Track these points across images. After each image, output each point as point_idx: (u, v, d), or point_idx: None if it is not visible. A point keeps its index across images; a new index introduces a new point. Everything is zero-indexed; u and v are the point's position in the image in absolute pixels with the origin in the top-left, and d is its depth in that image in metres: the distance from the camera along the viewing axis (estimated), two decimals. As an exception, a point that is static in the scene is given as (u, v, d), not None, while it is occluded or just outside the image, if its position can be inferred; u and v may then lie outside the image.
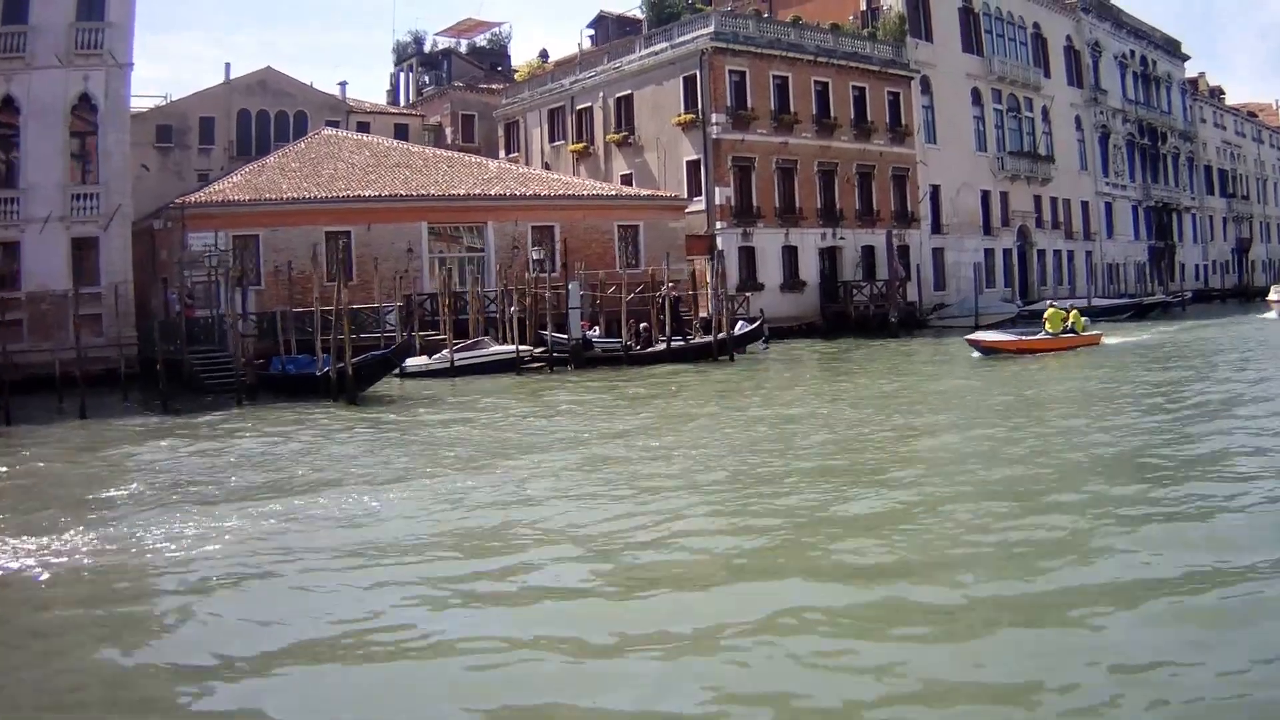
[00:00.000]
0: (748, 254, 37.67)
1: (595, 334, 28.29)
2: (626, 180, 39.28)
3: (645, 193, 36.78)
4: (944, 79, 44.68)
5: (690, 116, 37.27)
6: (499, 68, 52.36)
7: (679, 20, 39.70)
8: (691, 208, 36.68)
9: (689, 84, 37.56)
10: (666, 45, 38.53)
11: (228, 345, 24.67)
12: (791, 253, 38.96)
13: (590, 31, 47.91)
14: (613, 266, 32.72)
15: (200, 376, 23.85)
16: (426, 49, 52.25)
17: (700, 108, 37.05)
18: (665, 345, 27.27)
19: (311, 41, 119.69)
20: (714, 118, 36.78)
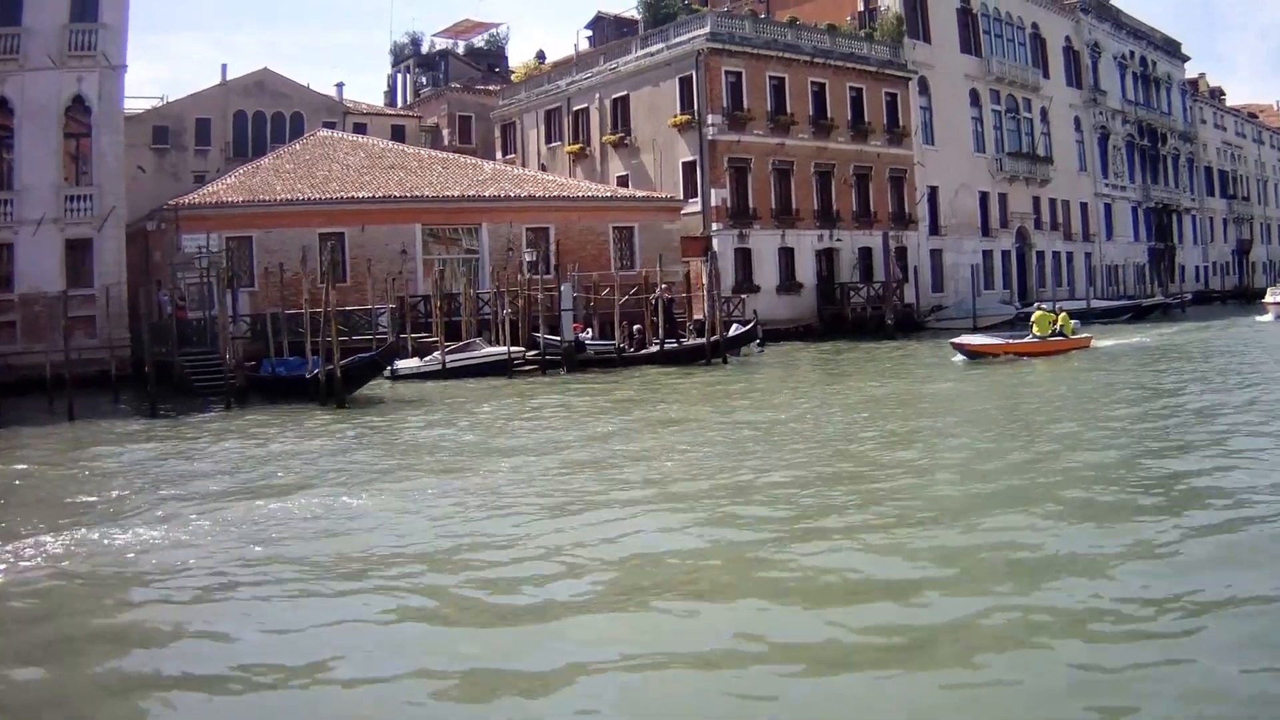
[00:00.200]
0: (744, 255, 37.58)
1: (588, 336, 28.20)
2: (623, 181, 39.21)
3: (640, 194, 36.70)
4: (942, 80, 44.57)
5: (686, 117, 37.20)
6: (496, 69, 52.33)
7: (675, 21, 39.63)
8: (687, 209, 36.58)
9: (685, 85, 37.49)
10: (662, 46, 38.45)
11: (219, 347, 24.61)
12: (788, 254, 38.87)
13: (588, 32, 47.87)
14: (608, 268, 32.62)
15: (191, 379, 23.79)
16: (424, 50, 52.25)
17: (696, 109, 36.98)
18: (658, 347, 27.17)
19: (310, 42, 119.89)
20: (710, 119, 36.70)
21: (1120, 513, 8.47)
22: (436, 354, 25.60)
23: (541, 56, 49.05)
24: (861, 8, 43.72)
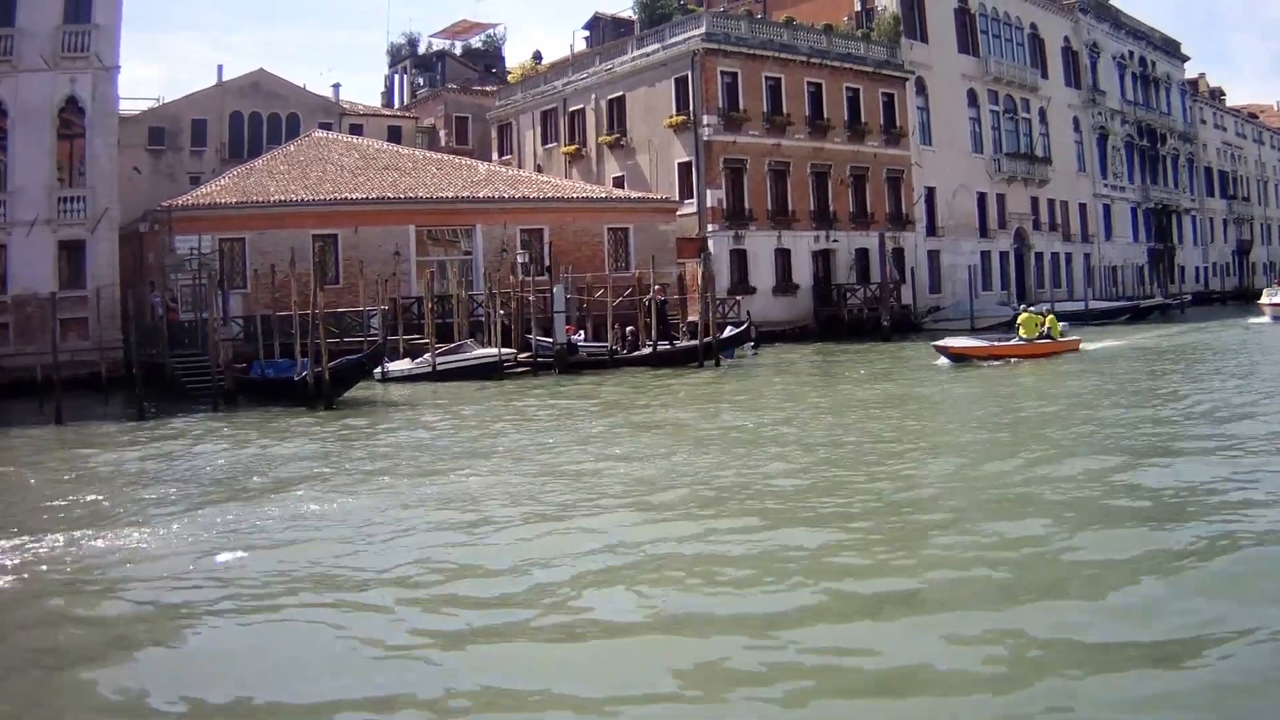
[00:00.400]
0: (739, 257, 37.47)
1: (581, 338, 28.12)
2: (618, 182, 39.12)
3: (636, 195, 36.62)
4: (939, 80, 44.44)
5: (682, 118, 37.10)
6: (493, 69, 52.26)
7: (670, 21, 39.53)
8: (683, 210, 36.48)
9: (680, 85, 37.39)
10: (658, 46, 38.36)
11: (210, 349, 24.54)
12: (784, 255, 38.75)
13: (585, 33, 47.75)
14: (603, 270, 32.53)
15: (182, 381, 23.73)
16: (421, 51, 52.19)
17: (692, 109, 36.88)
18: (651, 349, 27.07)
19: (308, 42, 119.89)
20: (705, 119, 36.60)
21: (1095, 525, 8.27)
22: (427, 356, 25.53)
23: (538, 57, 48.98)
24: (858, 8, 43.59)
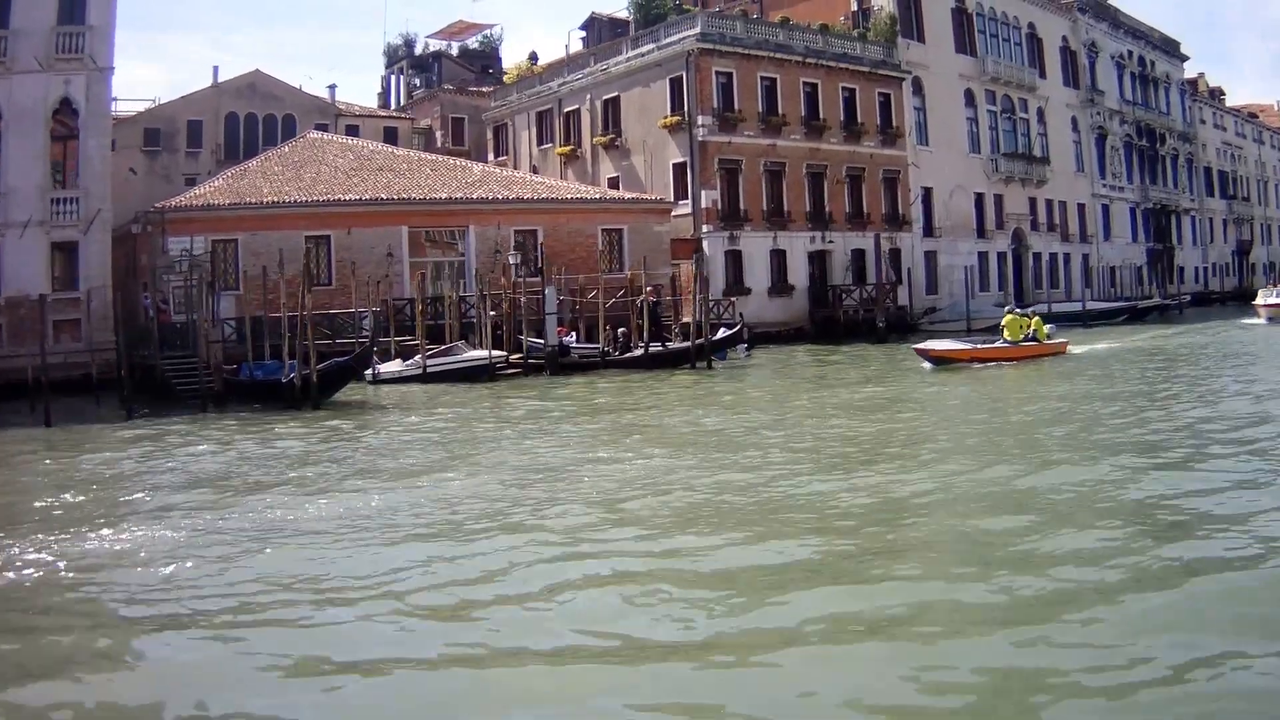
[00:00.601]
0: (734, 258, 37.39)
1: (573, 339, 28.08)
2: (614, 183, 39.05)
3: (630, 196, 36.56)
4: (936, 80, 44.33)
5: (676, 118, 37.01)
6: (490, 70, 52.20)
7: (665, 22, 39.44)
8: (678, 211, 36.41)
9: (675, 86, 37.30)
10: (653, 47, 38.27)
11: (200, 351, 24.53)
12: (780, 256, 38.65)
13: (582, 33, 47.66)
14: (596, 271, 32.44)
15: (172, 382, 23.71)
16: (417, 51, 52.16)
17: (686, 110, 36.78)
18: (643, 351, 27.00)
19: (307, 41, 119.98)
20: (700, 119, 36.52)
21: (1065, 543, 8.01)
22: (418, 358, 25.50)
23: (534, 58, 48.89)
24: (855, 7, 43.49)
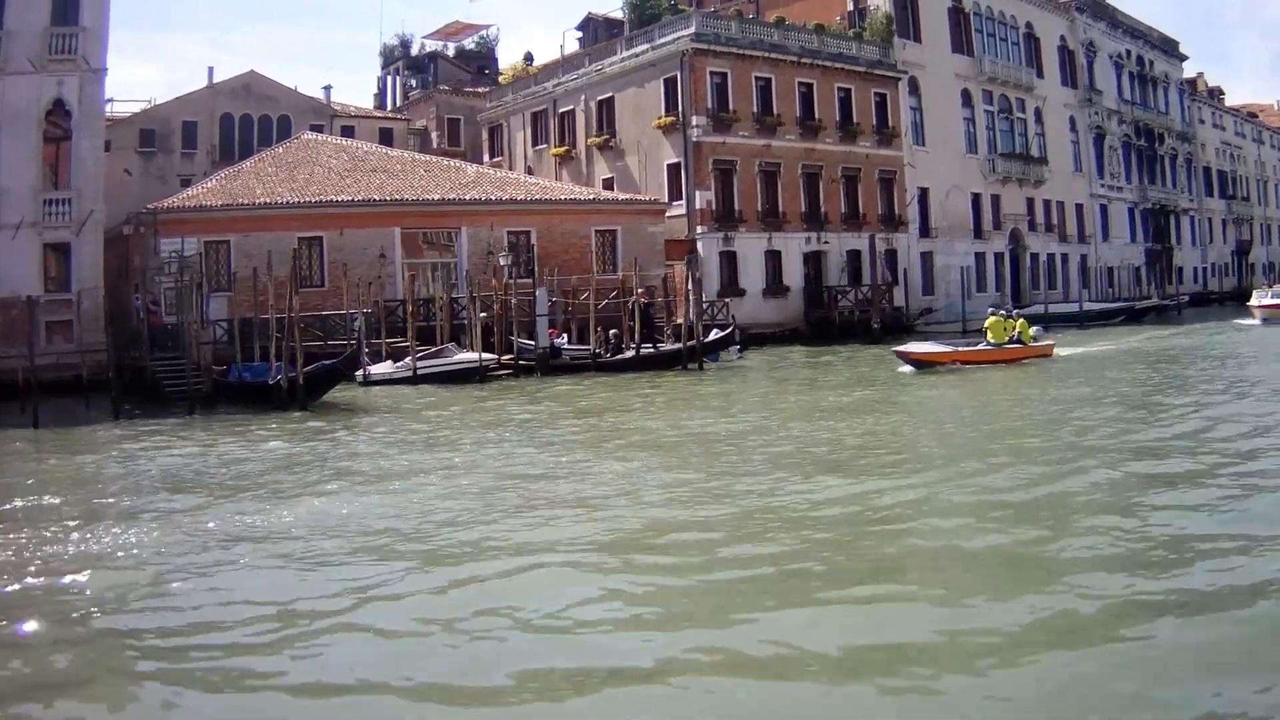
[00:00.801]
0: (729, 259, 37.31)
1: (564, 341, 28.03)
2: (608, 184, 38.99)
3: (624, 197, 36.51)
4: (933, 80, 44.23)
5: (670, 119, 36.94)
6: (486, 71, 52.16)
7: (660, 22, 39.37)
8: (672, 212, 36.33)
9: (669, 86, 37.23)
10: (647, 47, 38.21)
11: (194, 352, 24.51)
12: (775, 257, 38.58)
13: (578, 34, 47.58)
14: (590, 272, 32.42)
15: (162, 383, 23.68)
16: (414, 52, 52.14)
17: (681, 110, 36.72)
18: (634, 353, 26.92)
19: (307, 41, 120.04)
20: (694, 120, 36.44)
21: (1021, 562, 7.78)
22: (408, 360, 25.46)
23: (529, 58, 48.83)
24: (851, 7, 43.41)
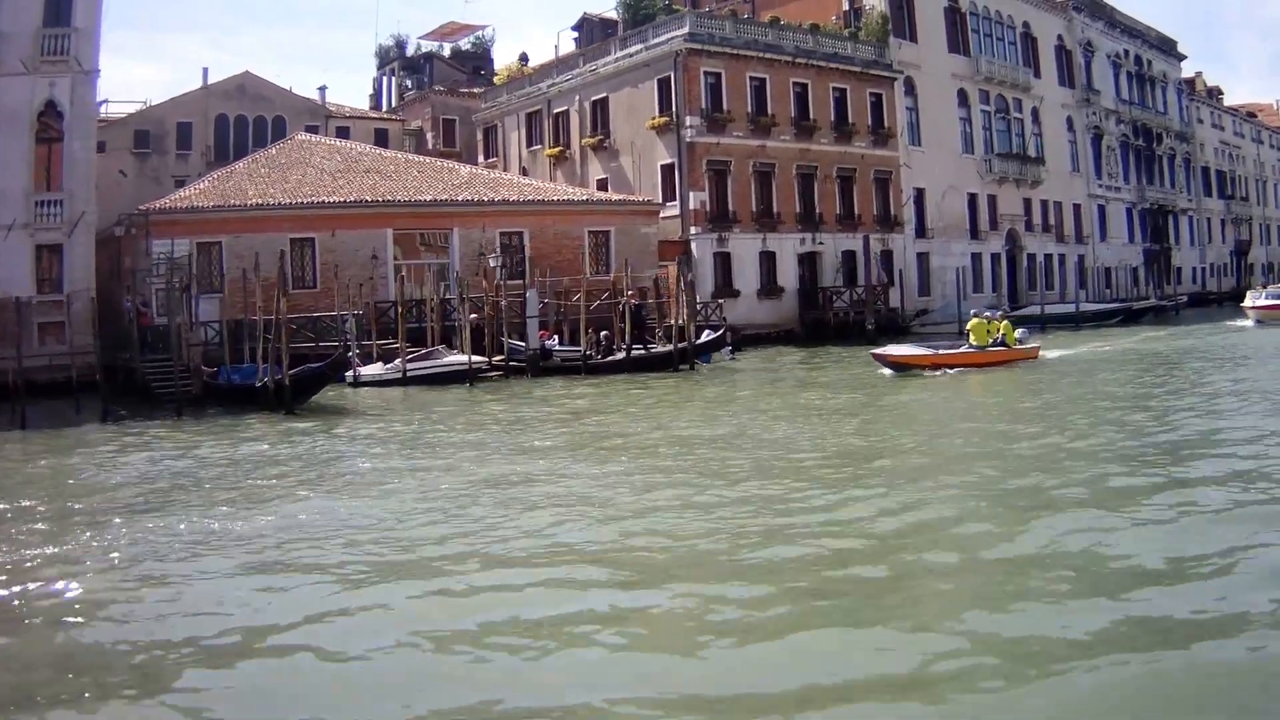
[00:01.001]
0: (723, 260, 37.20)
1: (555, 343, 27.96)
2: (602, 185, 38.91)
3: (617, 197, 36.44)
4: (929, 80, 44.11)
5: (664, 119, 36.84)
6: (482, 71, 52.08)
7: (654, 22, 39.28)
8: (666, 213, 36.26)
9: (663, 86, 37.12)
10: (641, 47, 38.10)
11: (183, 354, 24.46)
12: (769, 258, 38.47)
13: (574, 34, 47.55)
14: (583, 273, 32.30)
15: (152, 385, 23.64)
16: (409, 53, 52.09)
17: (674, 110, 36.61)
18: (625, 354, 26.84)
19: (305, 41, 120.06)
20: (688, 120, 36.35)
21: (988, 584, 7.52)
22: (398, 361, 25.41)
23: (524, 59, 48.75)
24: (846, 7, 43.29)
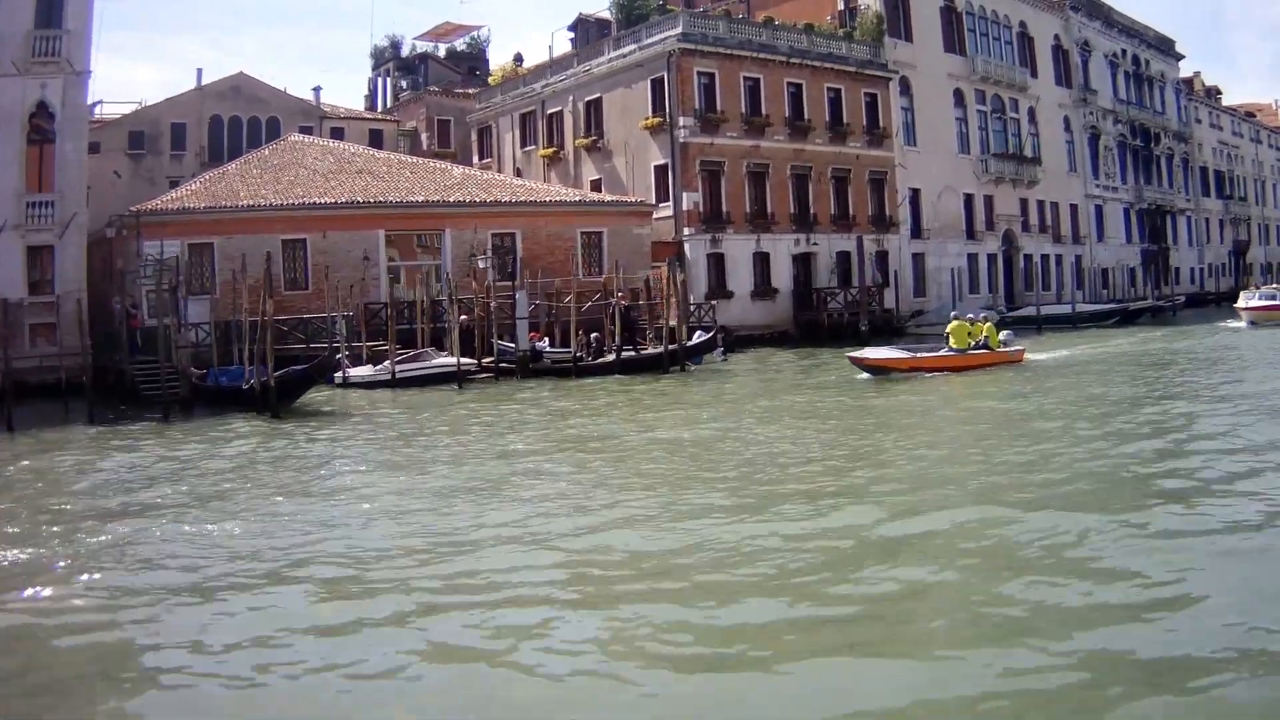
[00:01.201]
0: (717, 260, 37.11)
1: (546, 344, 27.88)
2: (596, 186, 38.82)
3: (610, 198, 36.35)
4: (924, 80, 44.01)
5: (658, 120, 36.73)
6: (477, 72, 52.02)
7: (647, 22, 39.19)
8: (659, 213, 36.17)
9: (656, 86, 37.01)
10: (634, 47, 38.00)
11: (172, 356, 24.43)
12: (763, 259, 38.36)
13: (570, 34, 47.44)
14: (576, 275, 32.25)
15: (140, 387, 23.60)
16: (404, 53, 52.03)
17: (668, 111, 36.52)
18: (615, 356, 26.76)
19: (304, 41, 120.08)
20: (682, 121, 36.24)
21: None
22: (388, 363, 25.36)
23: (519, 59, 48.67)
24: (841, 7, 43.17)
